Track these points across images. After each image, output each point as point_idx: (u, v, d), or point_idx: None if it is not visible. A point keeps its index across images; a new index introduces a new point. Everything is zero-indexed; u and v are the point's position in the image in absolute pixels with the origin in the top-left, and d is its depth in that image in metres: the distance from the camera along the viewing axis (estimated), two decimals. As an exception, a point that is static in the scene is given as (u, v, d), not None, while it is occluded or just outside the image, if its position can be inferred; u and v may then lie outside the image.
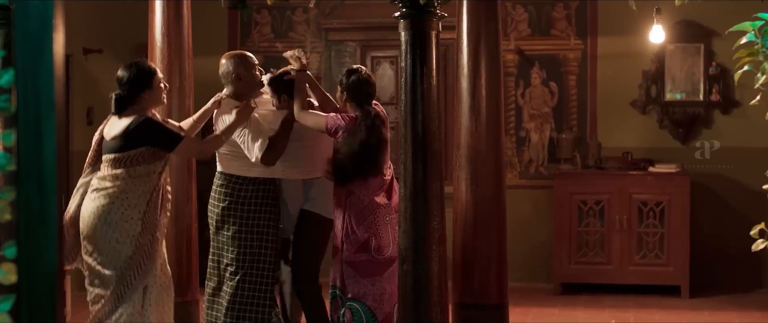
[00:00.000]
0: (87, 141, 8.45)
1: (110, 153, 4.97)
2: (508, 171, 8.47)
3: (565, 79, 8.66)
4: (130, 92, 4.97)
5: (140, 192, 4.91)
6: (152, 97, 5.01)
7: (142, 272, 4.90)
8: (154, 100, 5.05)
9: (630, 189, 8.12)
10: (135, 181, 4.91)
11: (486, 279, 5.79)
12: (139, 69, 5.00)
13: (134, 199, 4.89)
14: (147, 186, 4.93)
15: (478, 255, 5.74)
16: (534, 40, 8.69)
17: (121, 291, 4.88)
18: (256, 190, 5.40)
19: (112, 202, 4.87)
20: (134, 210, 4.89)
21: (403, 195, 4.71)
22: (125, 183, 4.89)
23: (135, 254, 4.87)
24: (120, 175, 4.90)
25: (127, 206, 4.88)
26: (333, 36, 8.91)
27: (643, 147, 8.50)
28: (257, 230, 5.39)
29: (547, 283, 8.34)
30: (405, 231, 4.69)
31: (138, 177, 4.91)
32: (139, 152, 4.92)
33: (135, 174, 4.91)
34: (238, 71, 5.43)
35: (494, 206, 5.79)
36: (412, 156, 4.65)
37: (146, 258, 4.90)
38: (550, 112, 8.69)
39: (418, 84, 4.65)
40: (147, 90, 4.98)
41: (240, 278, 5.34)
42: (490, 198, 5.79)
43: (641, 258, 8.10)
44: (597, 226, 8.16)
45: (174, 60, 5.96)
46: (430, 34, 4.70)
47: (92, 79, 8.62)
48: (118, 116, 5.01)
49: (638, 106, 8.55)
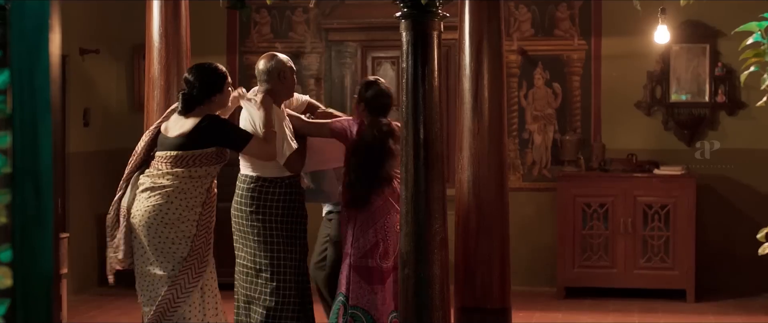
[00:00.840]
0: (83, 142, 8.52)
1: (172, 150, 5.01)
2: (511, 173, 8.47)
3: (568, 80, 8.66)
4: (201, 93, 5.06)
5: (197, 193, 4.98)
6: (222, 100, 5.14)
7: (197, 274, 4.93)
8: (222, 104, 5.17)
9: (635, 191, 8.11)
10: (194, 182, 4.98)
11: (489, 283, 5.78)
12: (212, 71, 5.10)
13: (192, 200, 4.96)
14: (203, 187, 5.00)
15: (480, 258, 5.73)
16: (537, 40, 8.68)
17: (175, 294, 4.90)
18: (283, 192, 5.37)
19: (170, 202, 4.92)
20: (191, 211, 4.94)
21: (404, 198, 4.71)
22: (184, 182, 4.96)
23: (190, 255, 4.91)
24: (180, 174, 4.96)
25: (184, 207, 4.94)
26: (333, 36, 8.91)
27: (647, 149, 8.49)
28: (288, 232, 5.35)
29: (550, 287, 8.34)
30: (406, 235, 4.68)
31: (198, 178, 4.99)
32: (205, 152, 5.00)
33: (195, 174, 4.98)
34: (285, 71, 5.45)
35: (497, 209, 5.78)
36: (414, 158, 4.65)
37: (200, 261, 4.95)
38: (554, 114, 8.69)
39: (419, 85, 4.65)
40: (218, 93, 5.09)
41: (277, 284, 5.29)
42: (492, 201, 5.79)
43: (646, 261, 8.09)
44: (601, 229, 8.15)
45: (172, 60, 5.95)
46: (431, 35, 4.70)
47: (89, 80, 8.62)
48: (185, 115, 5.05)
49: (643, 107, 8.54)
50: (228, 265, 6.01)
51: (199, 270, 4.93)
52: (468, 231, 5.74)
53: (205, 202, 4.98)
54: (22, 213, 1.90)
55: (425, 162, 4.65)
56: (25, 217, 1.90)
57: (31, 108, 1.89)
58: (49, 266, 1.91)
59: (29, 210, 1.90)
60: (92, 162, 8.53)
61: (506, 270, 5.89)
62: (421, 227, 4.65)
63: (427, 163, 4.65)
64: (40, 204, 1.90)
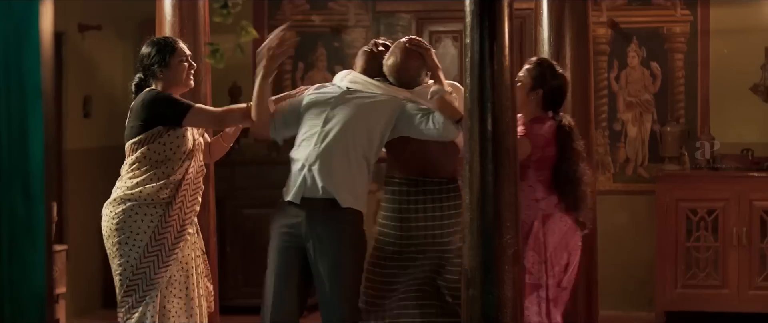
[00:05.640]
0: (83, 137, 8.59)
1: None
2: (600, 173, 8.43)
3: (669, 59, 8.61)
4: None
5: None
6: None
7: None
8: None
9: (750, 195, 8.05)
10: None
11: (572, 306, 5.76)
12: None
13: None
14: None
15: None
16: (631, 10, 8.64)
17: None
18: (442, 192, 5.49)
19: None
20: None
21: (468, 203, 4.70)
22: None
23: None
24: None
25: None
26: (382, 6, 8.92)
27: (766, 143, 8.42)
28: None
29: (648, 311, 8.30)
30: (471, 248, 4.66)
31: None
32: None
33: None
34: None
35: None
36: (480, 154, 4.63)
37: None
38: (652, 100, 8.65)
39: (486, 65, 4.63)
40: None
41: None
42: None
43: (764, 280, 8.03)
44: (709, 241, 8.10)
45: (187, 38, 5.99)
46: (501, 4, 4.67)
47: (89, 62, 8.71)
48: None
49: (761, 91, 8.48)
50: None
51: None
52: (546, 243, 5.72)
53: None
54: (11, 222, 1.92)
55: (494, 159, 4.62)
56: (13, 226, 1.91)
57: (20, 96, 1.89)
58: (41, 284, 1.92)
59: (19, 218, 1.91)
60: (94, 160, 8.60)
61: (593, 291, 5.86)
62: (488, 239, 4.62)
63: (497, 161, 4.62)
64: (31, 210, 1.91)
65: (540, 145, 5.37)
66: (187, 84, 5.47)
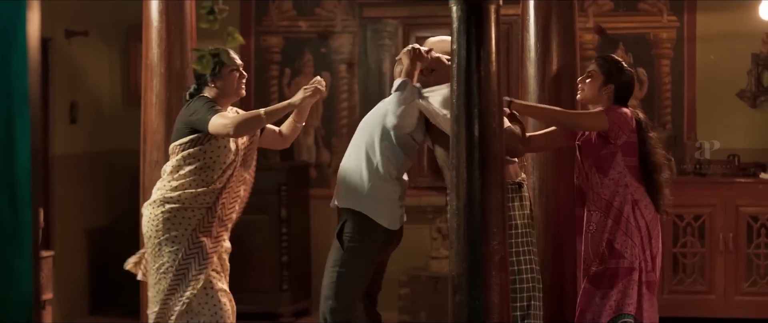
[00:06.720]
0: (70, 142, 8.59)
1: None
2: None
3: (656, 65, 8.63)
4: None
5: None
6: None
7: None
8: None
9: (737, 200, 8.06)
10: None
11: (559, 311, 5.76)
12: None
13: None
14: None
15: (548, 281, 5.71)
16: (618, 16, 8.66)
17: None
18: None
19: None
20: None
21: (455, 209, 4.70)
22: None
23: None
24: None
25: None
26: (369, 12, 8.92)
27: (753, 148, 8.44)
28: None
29: (634, 317, 8.29)
30: (458, 254, 4.67)
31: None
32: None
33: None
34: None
35: (568, 221, 5.76)
36: (467, 160, 4.63)
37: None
38: (638, 105, 8.63)
39: (473, 71, 4.63)
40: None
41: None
42: (563, 211, 5.76)
43: (751, 286, 8.04)
44: (696, 247, 8.11)
45: (174, 43, 5.99)
46: (488, 9, 4.68)
47: (76, 68, 8.70)
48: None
49: (747, 97, 8.49)
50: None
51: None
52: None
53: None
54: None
55: (480, 165, 4.63)
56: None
57: (6, 101, 1.89)
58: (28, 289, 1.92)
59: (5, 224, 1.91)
60: (81, 167, 8.59)
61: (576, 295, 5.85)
62: (475, 244, 4.63)
63: (483, 166, 4.63)
64: (17, 216, 1.91)
65: (627, 130, 5.48)
66: (238, 93, 5.54)
